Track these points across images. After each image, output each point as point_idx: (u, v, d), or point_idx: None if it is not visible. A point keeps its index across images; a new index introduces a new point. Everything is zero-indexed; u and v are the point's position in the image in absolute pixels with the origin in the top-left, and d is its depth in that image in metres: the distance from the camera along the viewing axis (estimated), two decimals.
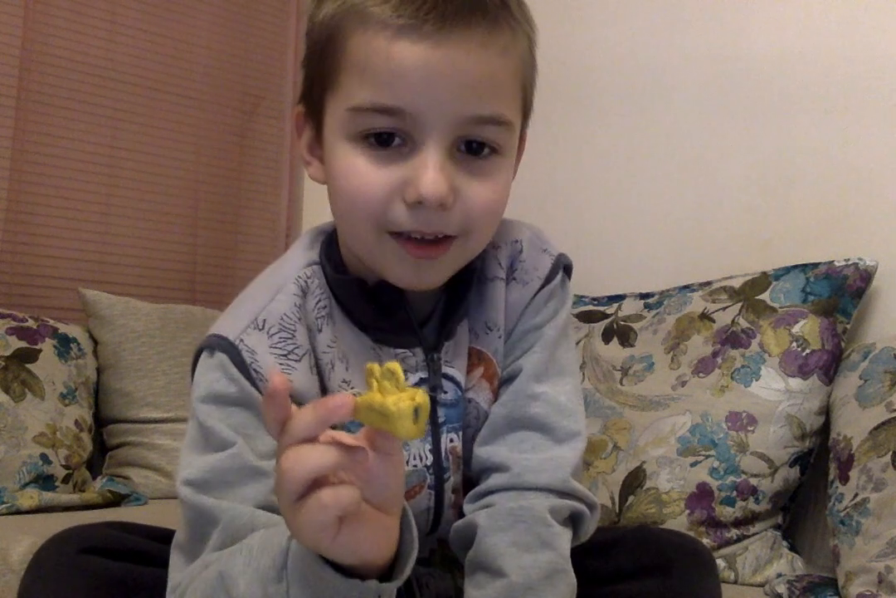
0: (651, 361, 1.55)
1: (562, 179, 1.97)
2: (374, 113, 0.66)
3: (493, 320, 0.78)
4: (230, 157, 2.39)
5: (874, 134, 1.53)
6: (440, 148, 0.67)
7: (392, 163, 0.67)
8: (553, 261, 0.82)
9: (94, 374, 1.90)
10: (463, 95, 0.66)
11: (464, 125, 0.67)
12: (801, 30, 1.63)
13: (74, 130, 2.12)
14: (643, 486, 1.43)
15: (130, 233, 2.21)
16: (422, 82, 0.65)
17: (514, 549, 0.71)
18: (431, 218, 0.67)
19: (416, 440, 0.73)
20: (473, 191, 0.69)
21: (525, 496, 0.74)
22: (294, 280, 0.75)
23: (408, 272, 0.70)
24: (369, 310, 0.74)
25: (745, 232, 1.67)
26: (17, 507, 1.59)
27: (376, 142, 0.68)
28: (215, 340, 0.71)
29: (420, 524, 0.67)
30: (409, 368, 0.75)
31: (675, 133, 1.79)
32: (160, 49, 2.25)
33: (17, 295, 2.02)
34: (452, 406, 0.76)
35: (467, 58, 0.65)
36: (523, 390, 0.77)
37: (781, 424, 1.39)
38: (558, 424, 0.77)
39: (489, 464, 0.77)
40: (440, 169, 0.66)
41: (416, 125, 0.66)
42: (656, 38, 1.83)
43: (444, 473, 0.76)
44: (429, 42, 0.64)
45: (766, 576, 1.35)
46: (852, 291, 1.43)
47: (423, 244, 0.69)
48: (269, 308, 0.73)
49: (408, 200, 0.67)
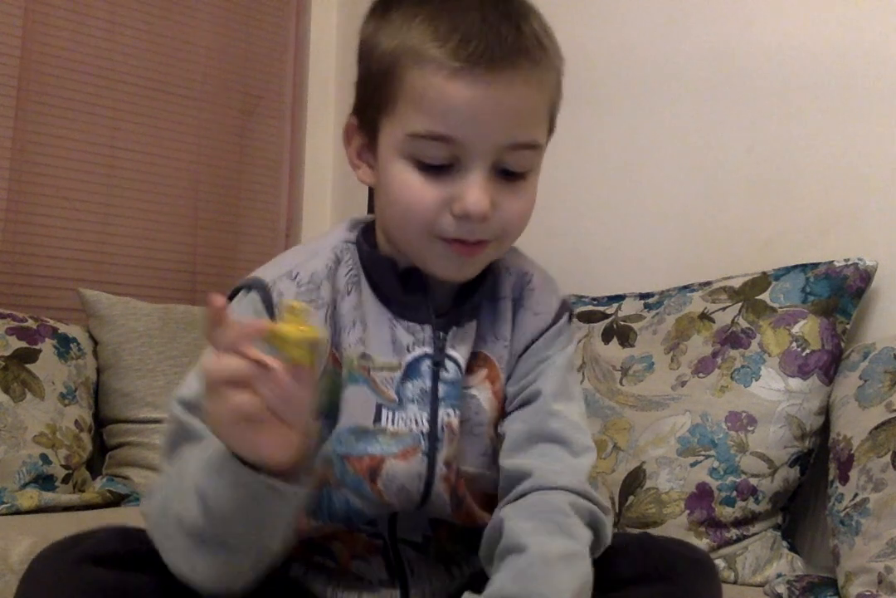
0: (651, 361, 1.55)
1: (562, 179, 1.96)
2: (429, 139, 0.77)
3: (501, 332, 0.89)
4: (230, 157, 2.39)
5: (875, 134, 1.53)
6: (484, 170, 0.78)
7: (441, 181, 0.79)
8: (560, 302, 0.93)
9: (94, 374, 1.90)
10: (505, 127, 0.78)
11: (504, 150, 0.78)
12: (803, 29, 1.63)
13: (74, 130, 2.12)
14: (643, 486, 1.43)
15: (130, 233, 2.20)
16: (471, 116, 0.76)
17: (535, 532, 0.78)
18: (475, 228, 0.79)
19: (413, 407, 0.83)
20: (509, 205, 0.80)
21: (547, 493, 0.81)
22: (331, 249, 0.87)
23: (452, 267, 0.83)
24: (395, 285, 0.85)
25: (745, 232, 1.67)
26: (17, 507, 1.59)
27: (428, 162, 0.79)
28: (254, 280, 0.84)
29: (411, 489, 0.83)
30: (417, 341, 0.85)
31: (675, 133, 1.79)
32: (160, 49, 2.25)
33: (17, 295, 2.02)
34: (452, 384, 0.85)
35: (510, 94, 0.76)
36: (543, 408, 0.86)
37: (781, 424, 1.39)
38: (574, 438, 0.86)
39: (516, 474, 0.84)
40: (483, 189, 0.78)
41: (463, 150, 0.77)
42: (657, 38, 1.83)
43: (438, 442, 0.84)
44: (479, 83, 0.75)
45: (765, 576, 1.35)
46: (852, 292, 1.43)
47: (466, 245, 0.81)
48: (304, 265, 0.85)
49: (455, 213, 0.78)
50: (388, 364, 0.84)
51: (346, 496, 0.84)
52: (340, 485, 0.84)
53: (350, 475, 0.83)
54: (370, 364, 0.84)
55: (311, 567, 0.90)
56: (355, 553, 0.88)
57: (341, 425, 0.83)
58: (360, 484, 0.83)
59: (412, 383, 0.84)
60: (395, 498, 0.84)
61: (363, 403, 0.83)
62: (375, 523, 0.87)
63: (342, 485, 0.84)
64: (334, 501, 0.85)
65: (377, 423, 0.83)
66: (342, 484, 0.84)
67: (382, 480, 0.83)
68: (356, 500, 0.84)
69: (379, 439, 0.83)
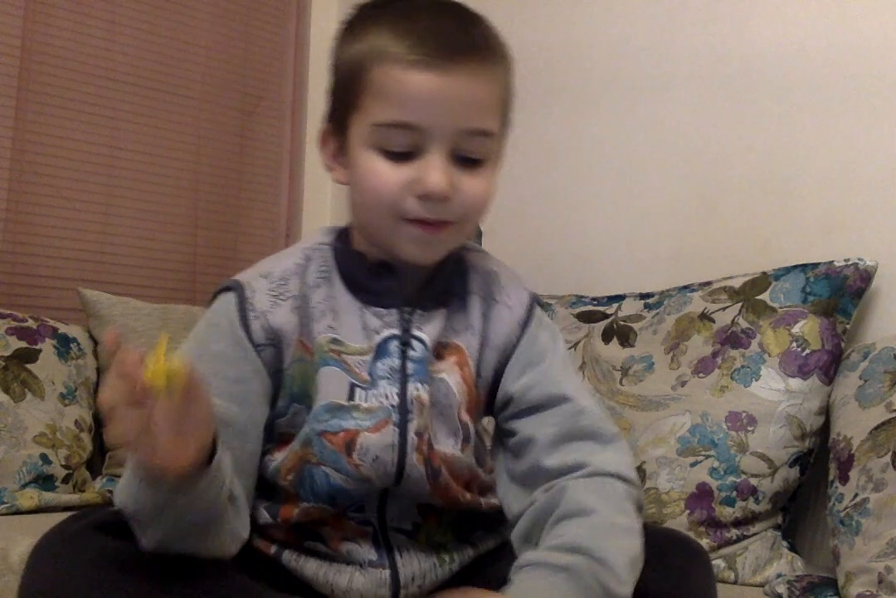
0: (651, 361, 1.55)
1: (562, 179, 1.97)
2: (391, 127, 0.85)
3: (470, 322, 0.95)
4: (230, 157, 2.39)
5: (875, 134, 1.53)
6: (443, 154, 0.86)
7: (405, 166, 0.86)
8: (529, 295, 0.99)
9: (94, 374, 1.90)
10: (459, 113, 0.86)
11: (460, 136, 0.86)
12: (803, 27, 1.63)
13: (74, 130, 2.12)
14: (643, 486, 1.43)
15: (130, 233, 2.20)
16: (428, 103, 0.85)
17: (599, 503, 0.84)
18: (436, 208, 0.86)
19: (384, 383, 0.90)
20: (468, 187, 0.87)
21: (604, 479, 0.88)
22: (301, 251, 0.95)
23: (417, 249, 0.89)
24: (365, 274, 0.92)
25: (745, 232, 1.67)
26: (17, 507, 1.60)
27: (392, 149, 0.86)
28: (232, 282, 0.94)
29: (385, 459, 0.88)
30: (385, 324, 0.91)
31: (675, 133, 1.79)
32: (160, 49, 2.25)
33: (17, 295, 2.02)
34: (419, 362, 0.91)
35: (463, 85, 0.85)
36: (570, 410, 0.92)
37: (781, 424, 1.39)
38: (605, 429, 0.92)
39: (565, 468, 0.89)
40: (443, 170, 0.85)
41: (423, 137, 0.85)
42: (657, 37, 1.83)
43: (409, 414, 0.89)
44: (434, 72, 0.84)
45: (765, 576, 1.35)
46: (852, 292, 1.43)
47: (430, 225, 0.88)
48: (277, 265, 0.94)
49: (418, 193, 0.86)
50: (358, 349, 0.90)
51: (327, 473, 0.89)
52: (320, 462, 0.89)
53: (328, 451, 0.88)
54: (342, 349, 0.90)
55: (302, 553, 0.92)
56: (345, 536, 0.91)
57: (318, 405, 0.89)
58: (337, 459, 0.88)
59: (382, 363, 0.90)
60: (371, 471, 0.88)
61: (337, 382, 0.89)
62: (363, 509, 0.91)
63: (322, 462, 0.89)
64: (316, 479, 0.89)
65: (351, 400, 0.89)
66: (322, 461, 0.89)
67: (357, 452, 0.88)
68: (336, 475, 0.89)
69: (353, 414, 0.89)
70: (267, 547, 0.92)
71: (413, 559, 0.92)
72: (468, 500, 0.93)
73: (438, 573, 0.93)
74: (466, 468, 0.93)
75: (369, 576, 0.90)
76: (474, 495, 0.94)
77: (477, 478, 0.95)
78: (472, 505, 0.94)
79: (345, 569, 0.91)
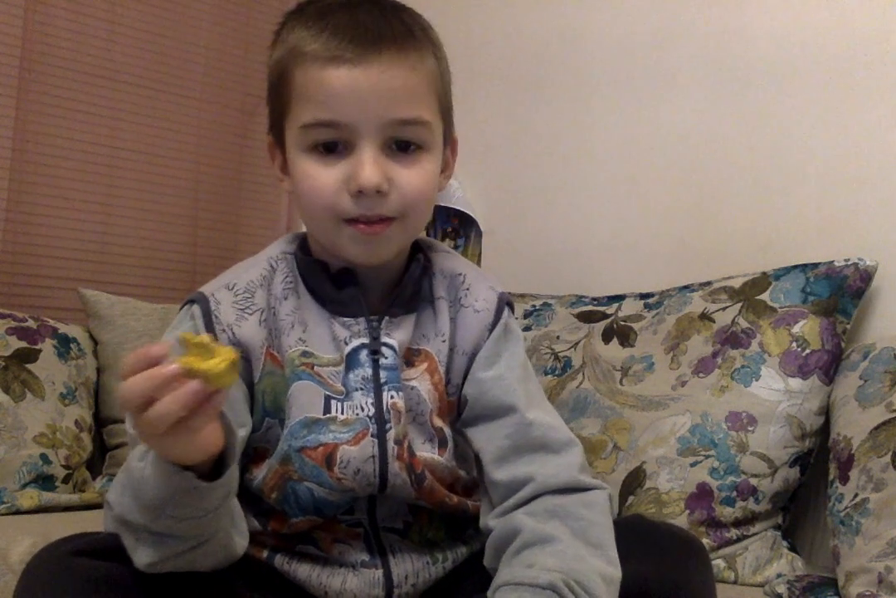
0: (651, 361, 1.55)
1: (561, 179, 1.96)
2: (317, 127, 0.85)
3: (439, 328, 0.93)
4: (230, 157, 2.39)
5: (875, 134, 1.53)
6: (373, 147, 0.84)
7: (337, 163, 0.85)
8: (498, 296, 0.96)
9: (94, 374, 1.90)
10: (382, 104, 0.84)
11: (389, 127, 0.85)
12: (804, 27, 1.63)
13: (74, 130, 2.12)
14: (643, 486, 1.43)
15: (130, 233, 2.20)
16: (349, 98, 0.83)
17: (558, 530, 0.83)
18: (372, 203, 0.85)
19: (359, 395, 0.88)
20: (404, 179, 0.86)
21: (554, 497, 0.87)
22: (266, 260, 0.94)
23: (360, 249, 0.87)
24: (327, 285, 0.91)
25: (745, 232, 1.67)
26: (17, 507, 1.59)
27: (324, 149, 0.86)
28: (196, 294, 0.92)
29: (367, 471, 0.87)
30: (354, 334, 0.90)
31: (675, 133, 1.79)
32: (160, 49, 2.25)
33: (17, 295, 2.02)
34: (391, 369, 0.90)
35: (382, 75, 0.83)
36: (520, 421, 0.91)
37: (781, 424, 1.39)
38: (554, 439, 0.91)
39: (514, 483, 0.88)
40: (373, 164, 0.84)
41: (350, 132, 0.84)
42: (657, 37, 1.83)
43: (386, 424, 0.88)
44: (349, 66, 0.83)
45: (766, 576, 1.35)
46: (852, 292, 1.44)
47: (369, 225, 0.86)
48: (241, 276, 0.92)
49: (351, 191, 0.84)
50: (330, 360, 0.89)
51: (310, 488, 0.88)
52: (302, 478, 0.88)
53: (309, 467, 0.87)
54: (314, 361, 0.89)
55: (294, 556, 0.92)
56: (337, 538, 0.91)
57: (293, 421, 0.88)
58: (319, 474, 0.87)
59: (354, 373, 0.89)
60: (353, 483, 0.88)
61: (311, 396, 0.88)
62: (353, 511, 0.91)
63: (304, 478, 0.88)
64: (300, 495, 0.89)
65: (327, 414, 0.88)
66: (303, 477, 0.88)
67: (339, 466, 0.87)
68: (319, 490, 0.88)
69: (330, 427, 0.88)
70: (258, 552, 0.92)
71: (405, 558, 0.92)
72: (455, 502, 0.93)
73: (432, 572, 0.93)
74: (447, 471, 0.93)
75: (362, 577, 0.90)
76: (460, 498, 0.94)
77: (459, 479, 0.95)
78: (459, 507, 0.94)
79: (338, 571, 0.91)
